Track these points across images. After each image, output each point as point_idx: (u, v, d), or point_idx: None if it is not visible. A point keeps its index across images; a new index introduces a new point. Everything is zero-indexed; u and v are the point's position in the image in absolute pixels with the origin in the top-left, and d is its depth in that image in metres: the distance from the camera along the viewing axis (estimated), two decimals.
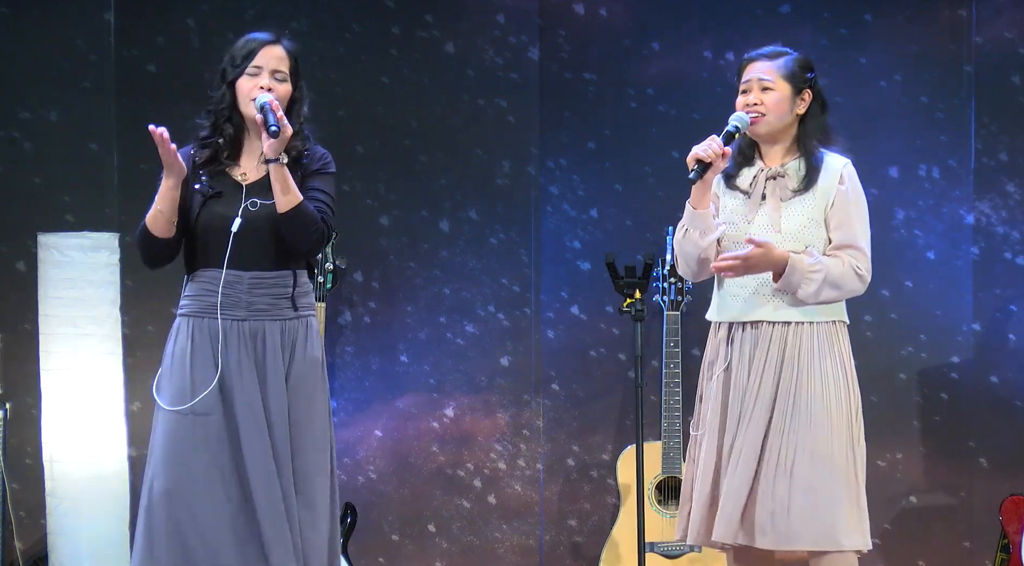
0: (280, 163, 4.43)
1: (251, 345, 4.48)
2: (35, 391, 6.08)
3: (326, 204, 4.57)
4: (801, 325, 4.60)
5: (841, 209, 4.63)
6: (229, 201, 4.49)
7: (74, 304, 5.94)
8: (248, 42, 4.58)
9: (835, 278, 4.56)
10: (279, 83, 4.54)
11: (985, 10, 6.37)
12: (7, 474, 6.03)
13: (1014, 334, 6.36)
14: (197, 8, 6.50)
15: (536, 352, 6.51)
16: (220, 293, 4.47)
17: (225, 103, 4.53)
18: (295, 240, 4.49)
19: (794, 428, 4.53)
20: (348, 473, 6.48)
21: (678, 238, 4.65)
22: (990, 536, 6.10)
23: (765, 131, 4.63)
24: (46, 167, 6.43)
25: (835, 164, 4.67)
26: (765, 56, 4.68)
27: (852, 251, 4.61)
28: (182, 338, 4.51)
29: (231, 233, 4.45)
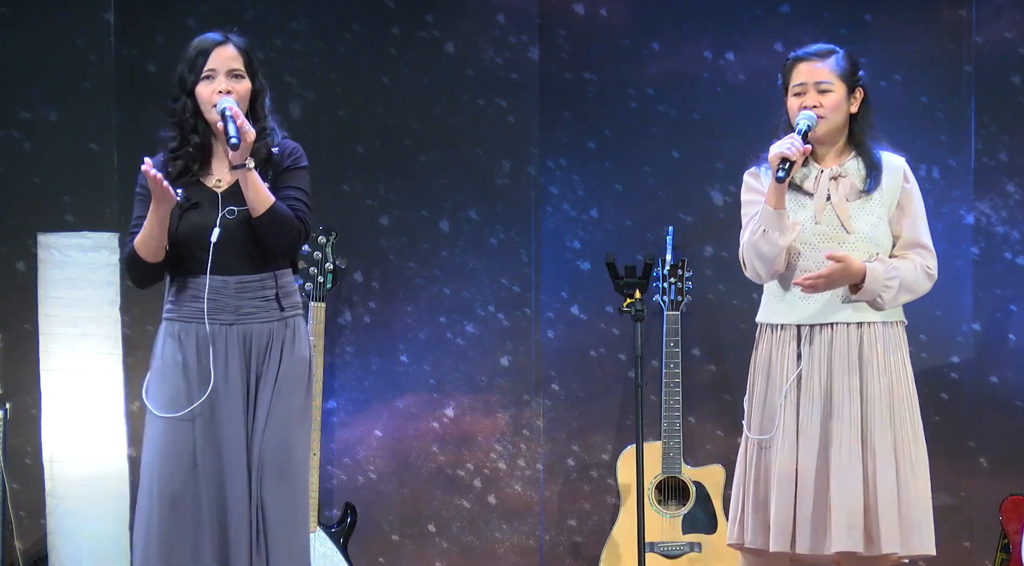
0: (247, 168, 4.41)
1: (240, 348, 4.48)
2: (35, 391, 6.08)
3: (300, 200, 4.55)
4: (874, 325, 4.59)
5: (907, 208, 4.64)
6: (206, 211, 4.47)
7: (74, 304, 5.94)
8: (198, 46, 4.55)
9: (909, 283, 4.58)
10: (236, 82, 4.51)
11: (985, 10, 6.37)
12: (7, 474, 6.03)
13: (1014, 334, 6.36)
14: (197, 8, 6.49)
15: (536, 352, 6.51)
16: (206, 299, 4.46)
17: (188, 112, 4.50)
18: (272, 242, 4.48)
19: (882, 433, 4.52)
20: (348, 473, 6.48)
21: (753, 240, 4.55)
22: (990, 536, 6.10)
23: (824, 132, 4.61)
24: (46, 167, 6.43)
25: (896, 162, 4.67)
26: (817, 56, 4.64)
27: (920, 250, 4.64)
28: (171, 343, 4.50)
29: (211, 243, 4.44)
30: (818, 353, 4.59)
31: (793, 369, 4.59)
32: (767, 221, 4.54)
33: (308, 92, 6.51)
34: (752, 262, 4.60)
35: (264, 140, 4.51)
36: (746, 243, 4.60)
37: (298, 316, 4.59)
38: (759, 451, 4.64)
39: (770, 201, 4.54)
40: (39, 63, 6.44)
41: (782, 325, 4.64)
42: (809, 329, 4.60)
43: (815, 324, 4.60)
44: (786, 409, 4.57)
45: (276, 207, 4.45)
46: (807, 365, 4.58)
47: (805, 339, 4.60)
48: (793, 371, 4.59)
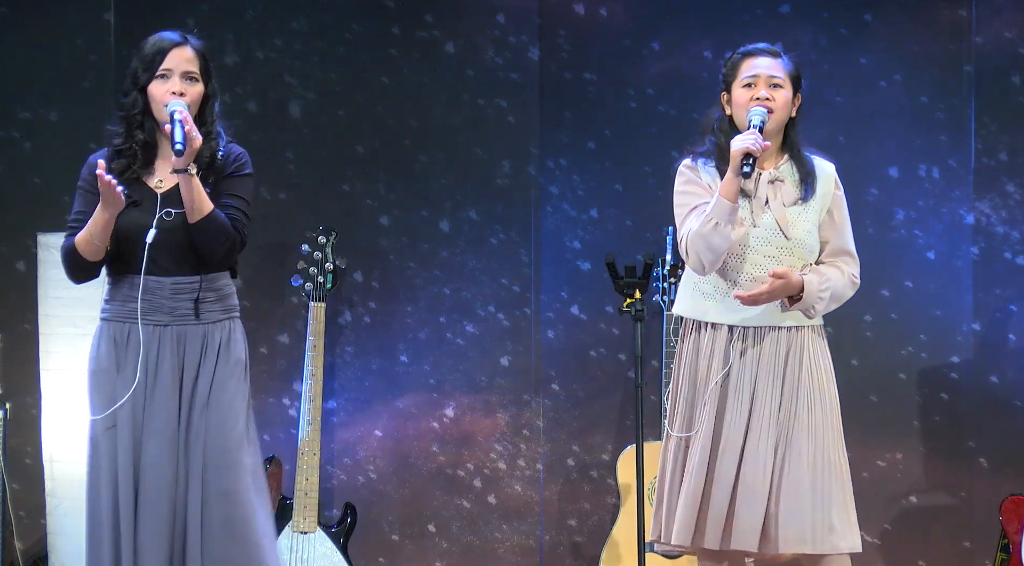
0: (189, 173, 4.40)
1: (175, 349, 4.47)
2: (35, 391, 6.08)
3: (239, 210, 4.53)
4: (803, 329, 4.62)
5: (837, 214, 4.67)
6: (145, 210, 4.46)
7: (74, 304, 5.94)
8: (156, 44, 4.54)
9: (838, 293, 4.62)
10: (190, 85, 4.50)
11: (985, 10, 6.37)
12: (7, 474, 6.03)
13: (1014, 334, 6.36)
14: (197, 8, 6.49)
15: (536, 352, 6.51)
16: (140, 299, 4.46)
17: (137, 109, 4.49)
18: (206, 249, 4.47)
19: (797, 434, 4.53)
20: (348, 473, 6.48)
21: (704, 232, 4.51)
22: (990, 536, 6.10)
23: (770, 128, 4.61)
24: (46, 167, 6.43)
25: (828, 169, 4.69)
26: (768, 53, 4.66)
27: (847, 258, 4.68)
28: (105, 344, 4.50)
29: (146, 244, 4.42)
30: (748, 355, 4.60)
31: (720, 369, 4.60)
32: (720, 213, 4.51)
33: (308, 92, 6.51)
34: (699, 253, 4.55)
35: (209, 145, 4.49)
36: (694, 234, 4.54)
37: (234, 318, 4.58)
38: (681, 448, 4.65)
39: (727, 194, 4.51)
40: (39, 63, 6.44)
41: (713, 324, 4.64)
42: (742, 330, 4.61)
43: (749, 326, 4.60)
44: (708, 407, 4.59)
45: (214, 215, 4.44)
46: (736, 366, 4.59)
47: (737, 340, 4.61)
48: (719, 371, 4.60)
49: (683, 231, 4.62)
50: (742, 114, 4.61)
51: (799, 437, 4.54)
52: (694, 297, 4.68)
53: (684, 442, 4.65)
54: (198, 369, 4.48)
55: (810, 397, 4.56)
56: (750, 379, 4.58)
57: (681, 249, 4.64)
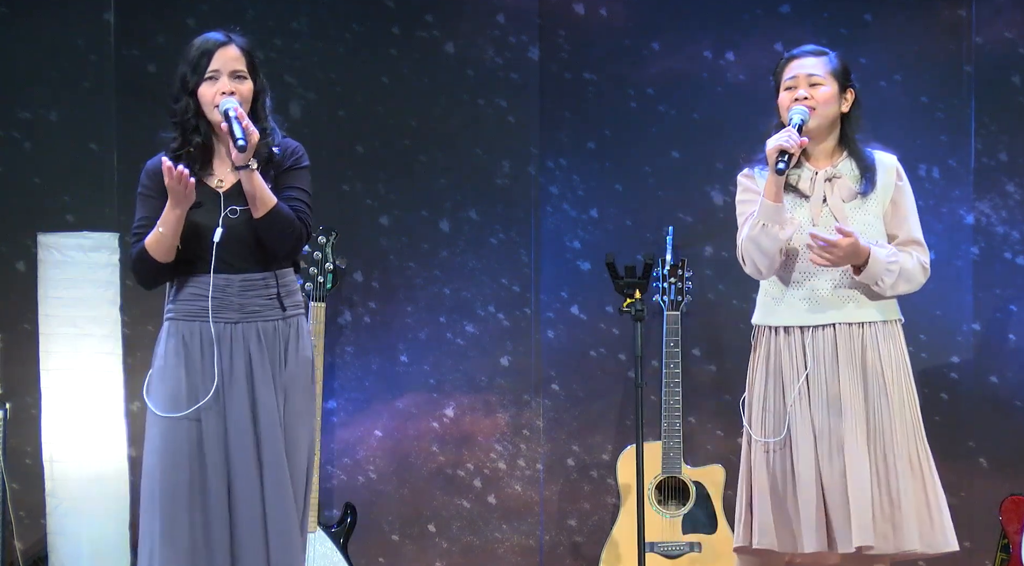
0: (250, 169, 4.40)
1: (244, 347, 4.48)
2: (35, 391, 6.08)
3: (302, 202, 4.55)
4: (875, 325, 4.60)
5: (901, 206, 4.67)
6: (209, 210, 4.46)
7: (74, 304, 5.94)
8: (201, 46, 4.54)
9: (908, 272, 4.61)
10: (239, 83, 4.51)
11: (985, 10, 6.37)
12: (7, 474, 6.03)
13: (1014, 334, 6.36)
14: (197, 8, 6.49)
15: (536, 352, 6.51)
16: (211, 298, 4.46)
17: (190, 113, 4.49)
18: (274, 243, 4.48)
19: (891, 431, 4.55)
20: (348, 473, 6.48)
21: (753, 235, 4.54)
22: (990, 536, 6.10)
23: (815, 125, 4.61)
24: (46, 167, 6.43)
25: (888, 161, 4.69)
26: (809, 53, 4.68)
27: (915, 247, 4.67)
28: (173, 342, 4.49)
29: (214, 243, 4.43)
30: (823, 355, 4.59)
31: (801, 371, 4.59)
32: (766, 215, 4.54)
33: (308, 92, 6.51)
34: (752, 257, 4.59)
35: (265, 140, 4.50)
36: (745, 238, 4.59)
37: (301, 315, 4.59)
38: (766, 454, 4.63)
39: (768, 195, 4.55)
40: (39, 63, 6.44)
41: (784, 327, 4.64)
42: (812, 330, 4.60)
43: (817, 325, 4.60)
44: (799, 411, 4.57)
45: (279, 208, 4.46)
46: (816, 367, 4.58)
47: (809, 341, 4.60)
48: (801, 373, 4.59)
49: (739, 239, 4.65)
50: (786, 116, 4.64)
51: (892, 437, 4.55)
52: (764, 303, 4.70)
53: (768, 448, 4.62)
54: (269, 366, 4.48)
55: (897, 394, 4.57)
56: (828, 381, 4.57)
57: (739, 257, 4.67)
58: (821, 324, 4.60)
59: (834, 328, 4.60)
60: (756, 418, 4.66)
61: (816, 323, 4.60)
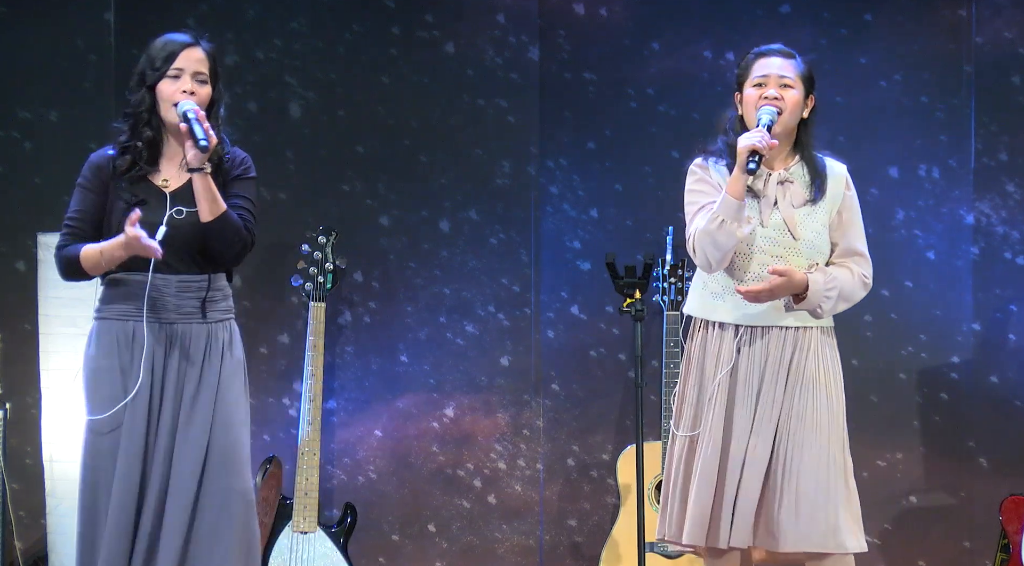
0: (204, 172, 4.41)
1: (179, 347, 4.48)
2: (35, 391, 6.08)
3: (248, 211, 4.55)
4: (808, 330, 4.61)
5: (847, 215, 4.66)
6: (152, 209, 4.46)
7: (74, 304, 5.94)
8: (168, 44, 4.52)
9: (847, 293, 4.61)
10: (200, 86, 4.50)
11: (985, 10, 6.37)
12: (7, 474, 6.03)
13: (1014, 334, 6.36)
14: (197, 8, 6.50)
15: (536, 352, 6.51)
16: (147, 297, 4.45)
17: (144, 106, 4.49)
18: (220, 249, 4.48)
19: (801, 432, 4.54)
20: (348, 473, 6.48)
21: (710, 229, 4.52)
22: (990, 536, 6.10)
23: (779, 128, 4.61)
24: (46, 167, 6.43)
25: (838, 169, 4.70)
26: (780, 53, 4.66)
27: (858, 259, 4.67)
28: (105, 343, 4.49)
29: (157, 242, 4.41)
30: (754, 354, 4.60)
31: (726, 367, 4.60)
32: (727, 211, 4.52)
33: (308, 92, 6.51)
34: (705, 251, 4.56)
35: (217, 147, 4.50)
36: (701, 231, 4.55)
37: (233, 319, 4.60)
38: (687, 447, 4.65)
39: (732, 191, 4.52)
40: (39, 63, 6.44)
41: (720, 323, 4.65)
42: (749, 330, 4.61)
43: (756, 326, 4.61)
44: (715, 406, 4.59)
45: (228, 215, 4.46)
46: (743, 365, 4.59)
47: (743, 339, 4.61)
48: (723, 369, 4.60)
49: (691, 229, 4.62)
50: (752, 113, 4.62)
51: (802, 435, 4.54)
52: (703, 296, 4.69)
53: (690, 441, 4.65)
54: (202, 367, 4.48)
55: (815, 396, 4.56)
56: (757, 378, 4.59)
57: (689, 247, 4.64)
58: (759, 325, 4.61)
59: (770, 330, 4.61)
60: (680, 411, 4.69)
61: (754, 323, 4.61)
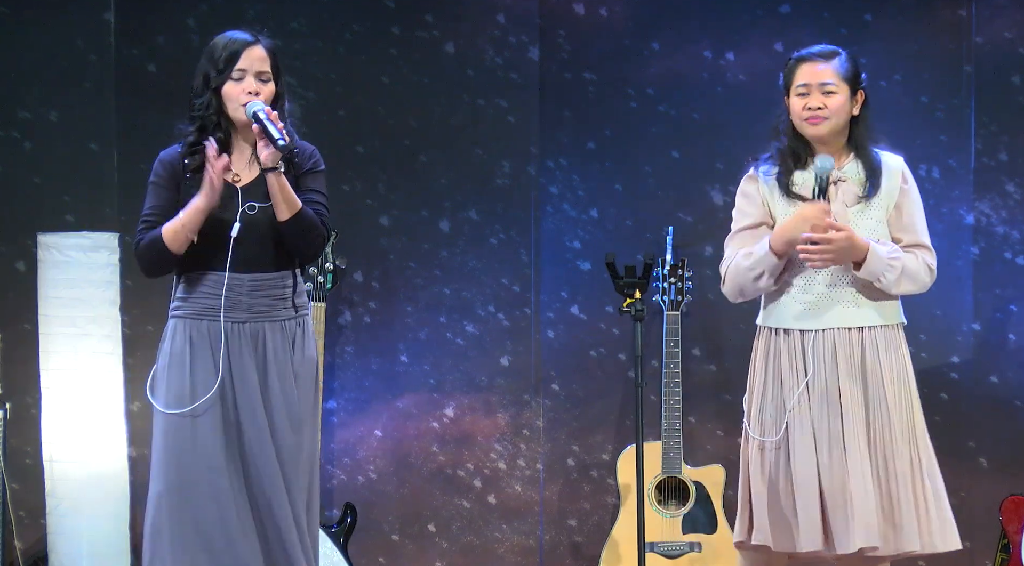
0: (279, 171, 4.41)
1: (252, 346, 4.48)
2: (35, 391, 6.08)
3: (322, 205, 4.56)
4: (874, 329, 4.59)
5: (906, 209, 4.64)
6: (225, 205, 4.46)
7: (74, 304, 5.94)
8: (229, 44, 4.52)
9: (911, 271, 4.59)
10: (264, 84, 4.50)
11: (985, 10, 6.37)
12: (7, 474, 6.03)
13: (1014, 334, 6.36)
14: (197, 8, 6.49)
15: (536, 352, 6.51)
16: (224, 296, 4.46)
17: (212, 109, 4.48)
18: (298, 246, 4.48)
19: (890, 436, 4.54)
20: (348, 473, 6.48)
21: (746, 277, 4.58)
22: (990, 536, 6.10)
23: (826, 133, 4.60)
24: (46, 167, 6.43)
25: (894, 163, 4.66)
26: (820, 57, 4.62)
27: (921, 250, 4.64)
28: (179, 340, 4.49)
29: (231, 238, 4.43)
30: (822, 359, 4.58)
31: (802, 374, 4.58)
32: (769, 266, 4.56)
33: (308, 92, 6.51)
34: (736, 290, 4.65)
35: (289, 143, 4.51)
36: (738, 271, 4.60)
37: (307, 315, 4.60)
38: (764, 452, 4.63)
39: (778, 249, 4.55)
40: (39, 63, 6.44)
41: (785, 329, 4.63)
42: (812, 334, 4.60)
43: (818, 329, 4.59)
44: (798, 413, 4.57)
45: (304, 211, 4.46)
46: (816, 371, 4.57)
47: (810, 344, 4.59)
48: (802, 375, 4.58)
49: (728, 253, 4.67)
50: (797, 122, 4.62)
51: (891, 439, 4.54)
52: (766, 304, 4.70)
53: (766, 447, 4.62)
54: (276, 366, 4.48)
55: (895, 398, 4.56)
56: (828, 384, 4.56)
57: (721, 270, 4.69)
58: (820, 328, 4.59)
59: (834, 332, 4.59)
60: (755, 417, 4.66)
61: (814, 327, 4.60)
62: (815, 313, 4.59)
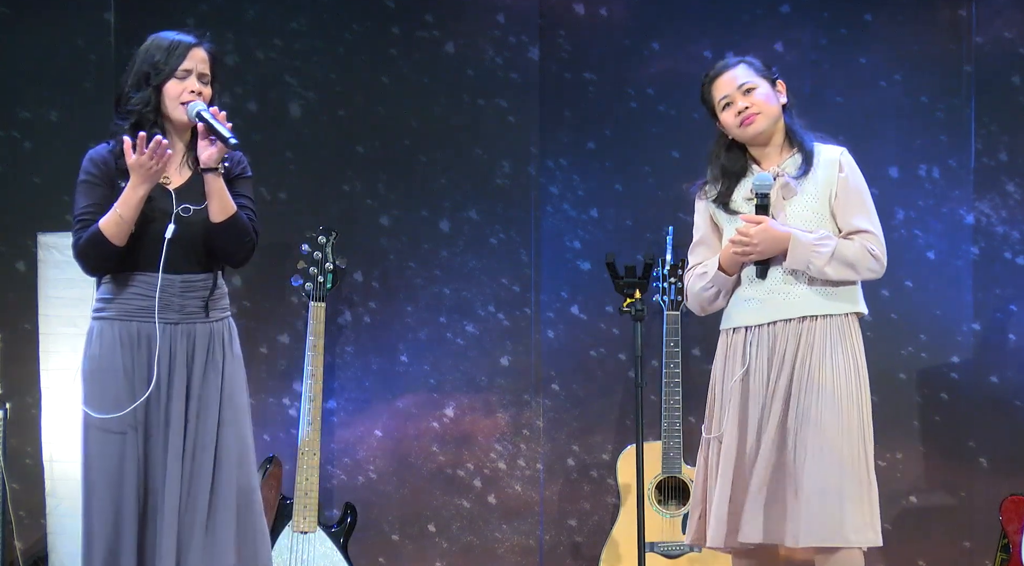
0: (218, 172, 4.41)
1: (184, 346, 4.47)
2: (35, 391, 6.08)
3: (251, 210, 4.56)
4: (815, 319, 4.60)
5: (844, 197, 4.65)
6: (158, 206, 4.45)
7: (74, 304, 5.94)
8: (175, 45, 4.52)
9: (847, 256, 4.58)
10: (204, 86, 4.50)
11: (985, 10, 6.37)
12: (7, 474, 6.03)
13: (1014, 334, 6.36)
14: (197, 8, 6.50)
15: (536, 352, 6.51)
16: (158, 297, 4.44)
17: (150, 106, 4.47)
18: (229, 249, 4.48)
19: (805, 425, 4.53)
20: (348, 473, 6.48)
21: (705, 295, 4.70)
22: (990, 536, 6.10)
23: (764, 127, 4.64)
24: (46, 167, 6.43)
25: (831, 153, 4.69)
26: (727, 68, 4.74)
27: (863, 236, 4.63)
28: (107, 342, 4.47)
29: (164, 240, 4.41)
30: (763, 353, 4.61)
31: (739, 369, 4.62)
32: (722, 284, 4.68)
33: (308, 92, 6.51)
34: (696, 306, 4.78)
35: None
36: (696, 291, 4.72)
37: (231, 316, 4.60)
38: (707, 450, 4.70)
39: (728, 267, 4.66)
40: (39, 63, 6.44)
41: (734, 328, 4.69)
42: (755, 330, 4.63)
43: (761, 323, 4.62)
44: (731, 409, 4.61)
45: (238, 215, 4.46)
46: (753, 365, 4.61)
47: (752, 339, 4.63)
48: (737, 372, 4.63)
49: (688, 269, 4.79)
50: (735, 133, 4.70)
51: (807, 432, 4.53)
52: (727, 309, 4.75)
53: (714, 443, 4.67)
54: (206, 366, 4.48)
55: (820, 388, 4.55)
56: (766, 377, 4.60)
57: (685, 291, 4.83)
58: (762, 322, 4.63)
59: (776, 326, 4.61)
60: (707, 416, 4.74)
61: (757, 322, 4.63)
62: (759, 309, 4.64)
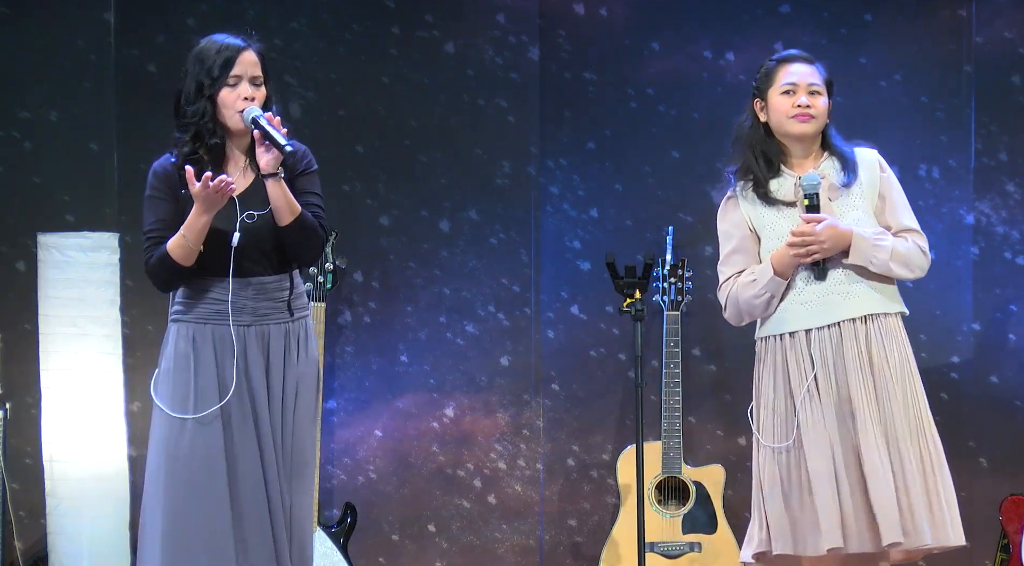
0: (279, 177, 4.40)
1: (258, 349, 4.48)
2: (35, 391, 6.08)
3: (319, 207, 4.54)
4: (876, 318, 4.58)
5: (889, 196, 4.66)
6: (223, 214, 4.43)
7: (74, 304, 5.94)
8: (223, 50, 4.47)
9: (902, 253, 4.58)
10: (257, 89, 4.48)
11: (985, 10, 6.37)
12: (7, 474, 6.03)
13: (1014, 334, 6.36)
14: (197, 8, 6.50)
15: (536, 352, 6.51)
16: (230, 303, 4.45)
17: (207, 116, 4.44)
18: (299, 250, 4.48)
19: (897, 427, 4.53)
20: (348, 473, 6.48)
21: (747, 298, 4.61)
22: (990, 536, 6.10)
23: (813, 132, 4.64)
24: (46, 167, 6.43)
25: (868, 156, 4.69)
26: (803, 59, 4.69)
27: (911, 234, 4.65)
28: (183, 343, 4.47)
29: (231, 248, 4.42)
30: (828, 354, 4.56)
31: (808, 373, 4.57)
32: (773, 287, 4.59)
33: (308, 92, 6.51)
34: (741, 314, 4.67)
35: None
36: (746, 299, 4.62)
37: (308, 316, 4.60)
38: (776, 459, 4.60)
39: (780, 271, 4.58)
40: (39, 63, 6.44)
41: (790, 333, 4.61)
42: (816, 332, 4.59)
43: (822, 325, 4.58)
44: (809, 413, 4.55)
45: (303, 216, 4.45)
46: (822, 369, 4.56)
47: (815, 342, 4.58)
48: (808, 375, 4.56)
49: (725, 280, 4.68)
50: (781, 120, 4.64)
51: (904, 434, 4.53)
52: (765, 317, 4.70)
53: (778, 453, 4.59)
54: (282, 369, 4.49)
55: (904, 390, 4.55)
56: (836, 381, 4.55)
57: (721, 296, 4.71)
58: (824, 324, 4.58)
59: (838, 326, 4.58)
60: (765, 424, 4.63)
61: (817, 324, 4.58)
62: (815, 311, 4.59)
